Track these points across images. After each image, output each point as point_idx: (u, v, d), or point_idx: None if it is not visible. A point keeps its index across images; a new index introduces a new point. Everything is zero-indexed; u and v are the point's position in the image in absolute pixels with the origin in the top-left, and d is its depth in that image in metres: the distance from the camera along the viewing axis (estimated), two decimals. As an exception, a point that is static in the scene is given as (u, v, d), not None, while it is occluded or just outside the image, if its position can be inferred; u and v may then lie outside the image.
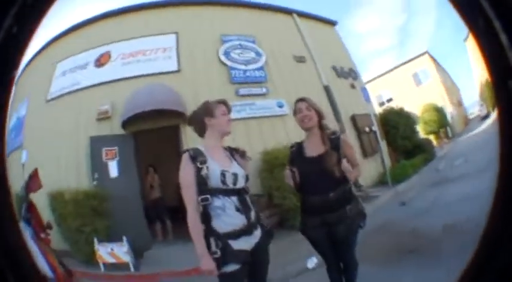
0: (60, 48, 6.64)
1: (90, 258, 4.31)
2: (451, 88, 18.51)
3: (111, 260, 4.18)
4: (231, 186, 1.62)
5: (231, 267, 1.55)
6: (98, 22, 6.61)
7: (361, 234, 2.06)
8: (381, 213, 5.07)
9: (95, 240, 4.29)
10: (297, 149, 2.04)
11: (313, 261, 3.39)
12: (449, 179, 6.13)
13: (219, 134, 1.76)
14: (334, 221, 1.90)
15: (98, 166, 5.39)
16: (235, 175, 1.65)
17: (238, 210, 1.61)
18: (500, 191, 0.53)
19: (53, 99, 6.11)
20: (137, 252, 4.50)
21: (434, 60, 16.61)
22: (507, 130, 0.51)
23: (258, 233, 1.69)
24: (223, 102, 1.80)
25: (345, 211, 1.89)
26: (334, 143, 1.92)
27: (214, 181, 1.59)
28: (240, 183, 1.67)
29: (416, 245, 3.24)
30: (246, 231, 1.61)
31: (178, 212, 5.41)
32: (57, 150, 5.50)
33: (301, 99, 2.01)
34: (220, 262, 1.54)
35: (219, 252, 1.54)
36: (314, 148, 1.96)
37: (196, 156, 1.61)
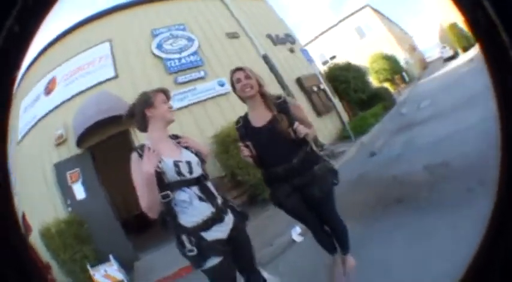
0: (23, 86, 6.58)
1: (91, 284, 4.32)
2: (401, 35, 18.75)
3: (108, 282, 4.20)
4: (187, 176, 1.52)
5: (213, 261, 1.48)
6: (45, 52, 6.64)
7: (338, 193, 1.94)
8: (352, 168, 4.84)
9: (88, 266, 4.26)
10: (244, 123, 1.88)
11: (297, 231, 3.28)
12: (416, 121, 5.84)
13: (162, 124, 1.61)
14: (305, 184, 1.78)
15: (67, 192, 5.37)
16: (188, 163, 1.55)
17: (201, 199, 1.52)
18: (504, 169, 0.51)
19: (22, 138, 6.12)
20: (127, 266, 4.52)
21: (378, 11, 16.72)
22: (505, 127, 0.50)
23: (229, 218, 1.60)
24: (162, 90, 1.63)
25: (314, 171, 1.77)
26: (282, 107, 1.80)
27: (170, 174, 1.49)
28: (197, 171, 1.56)
29: (403, 193, 2.97)
30: (215, 219, 1.52)
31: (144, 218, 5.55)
32: (33, 186, 5.47)
33: (238, 69, 1.84)
34: (199, 259, 1.46)
35: (195, 249, 1.45)
36: (261, 117, 1.82)
37: None
